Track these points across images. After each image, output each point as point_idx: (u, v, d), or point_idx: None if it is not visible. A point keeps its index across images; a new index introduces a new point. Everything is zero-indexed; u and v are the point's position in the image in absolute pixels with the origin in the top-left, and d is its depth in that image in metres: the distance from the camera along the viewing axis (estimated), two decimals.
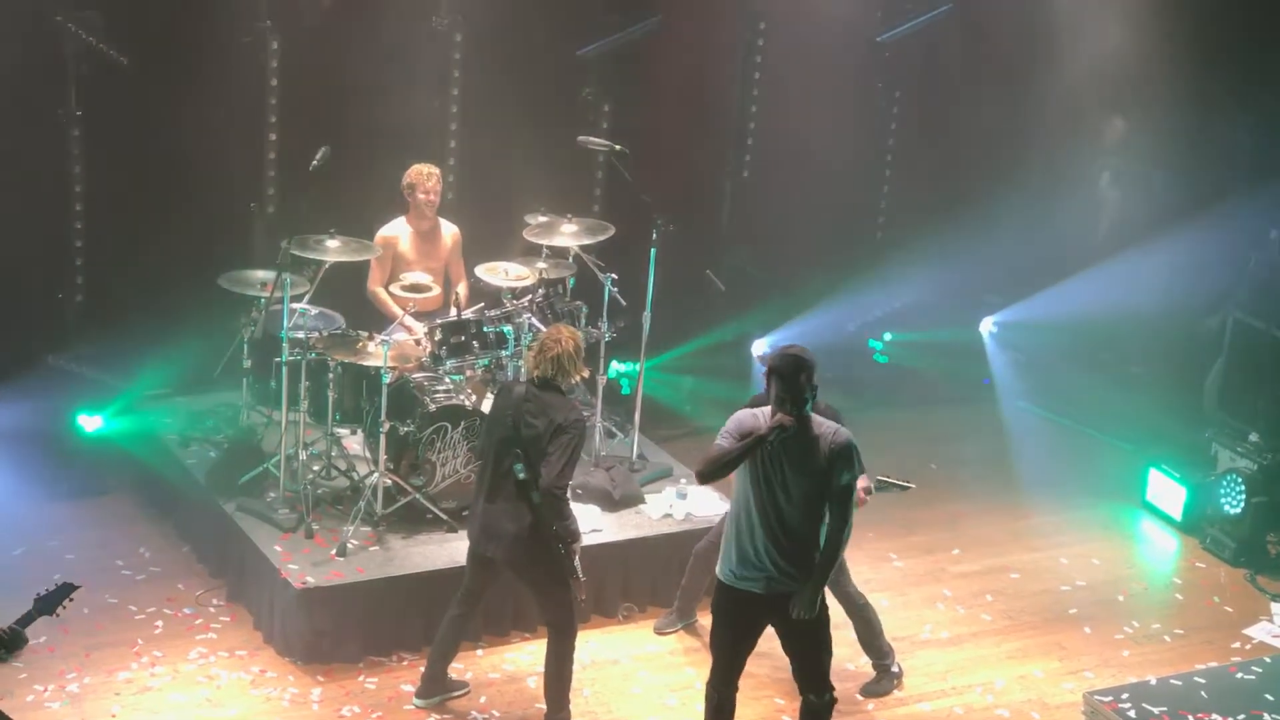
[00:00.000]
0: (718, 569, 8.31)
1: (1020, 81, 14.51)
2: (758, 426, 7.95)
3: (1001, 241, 14.29)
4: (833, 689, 8.51)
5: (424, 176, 11.22)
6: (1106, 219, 14.89)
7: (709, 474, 8.14)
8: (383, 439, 10.24)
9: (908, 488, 9.45)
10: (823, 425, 8.04)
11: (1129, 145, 14.82)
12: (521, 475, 8.77)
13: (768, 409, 7.99)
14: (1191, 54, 13.77)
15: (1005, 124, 14.58)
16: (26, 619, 7.44)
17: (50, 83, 11.83)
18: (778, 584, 8.10)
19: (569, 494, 9.04)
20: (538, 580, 9.07)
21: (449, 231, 11.48)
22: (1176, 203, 14.08)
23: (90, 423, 11.76)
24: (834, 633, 10.16)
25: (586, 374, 9.23)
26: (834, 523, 8.08)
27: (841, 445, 8.01)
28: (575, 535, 8.93)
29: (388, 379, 10.19)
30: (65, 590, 7.59)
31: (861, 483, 9.26)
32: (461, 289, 11.33)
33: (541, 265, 11.15)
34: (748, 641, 8.41)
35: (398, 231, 11.34)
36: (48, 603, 7.53)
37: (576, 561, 8.95)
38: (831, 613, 8.46)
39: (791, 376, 7.87)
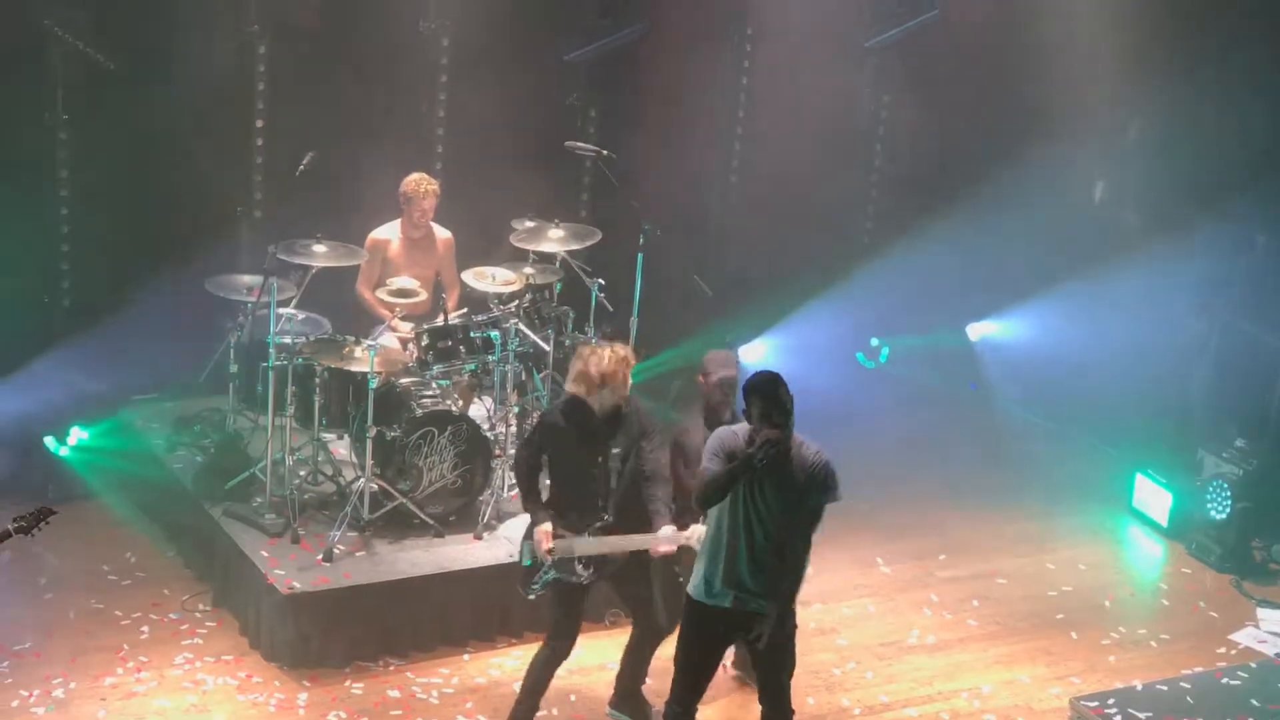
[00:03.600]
0: (690, 585, 8.27)
1: (1007, 87, 14.52)
2: (739, 444, 7.92)
3: (989, 246, 14.30)
4: (793, 711, 8.42)
5: (420, 194, 11.19)
6: (1096, 224, 14.87)
7: (708, 499, 7.97)
8: (369, 444, 10.23)
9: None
10: (801, 444, 7.97)
11: (1117, 150, 14.83)
12: None
13: (744, 426, 7.95)
14: (1179, 57, 13.78)
15: (992, 129, 14.59)
16: (4, 535, 7.67)
17: (37, 87, 11.82)
18: (748, 601, 8.07)
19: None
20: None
21: (441, 238, 11.46)
22: (1163, 208, 14.10)
23: (75, 436, 11.78)
24: (818, 639, 10.25)
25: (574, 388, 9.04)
26: (800, 543, 8.03)
27: (820, 465, 7.94)
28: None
29: (374, 384, 10.18)
30: (42, 514, 7.79)
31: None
32: (451, 296, 11.32)
33: (529, 270, 11.14)
34: (715, 659, 8.36)
35: (389, 235, 11.33)
36: (25, 523, 7.73)
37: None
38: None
39: (772, 392, 7.82)
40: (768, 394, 7.82)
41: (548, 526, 8.79)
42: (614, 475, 8.87)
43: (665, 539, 8.71)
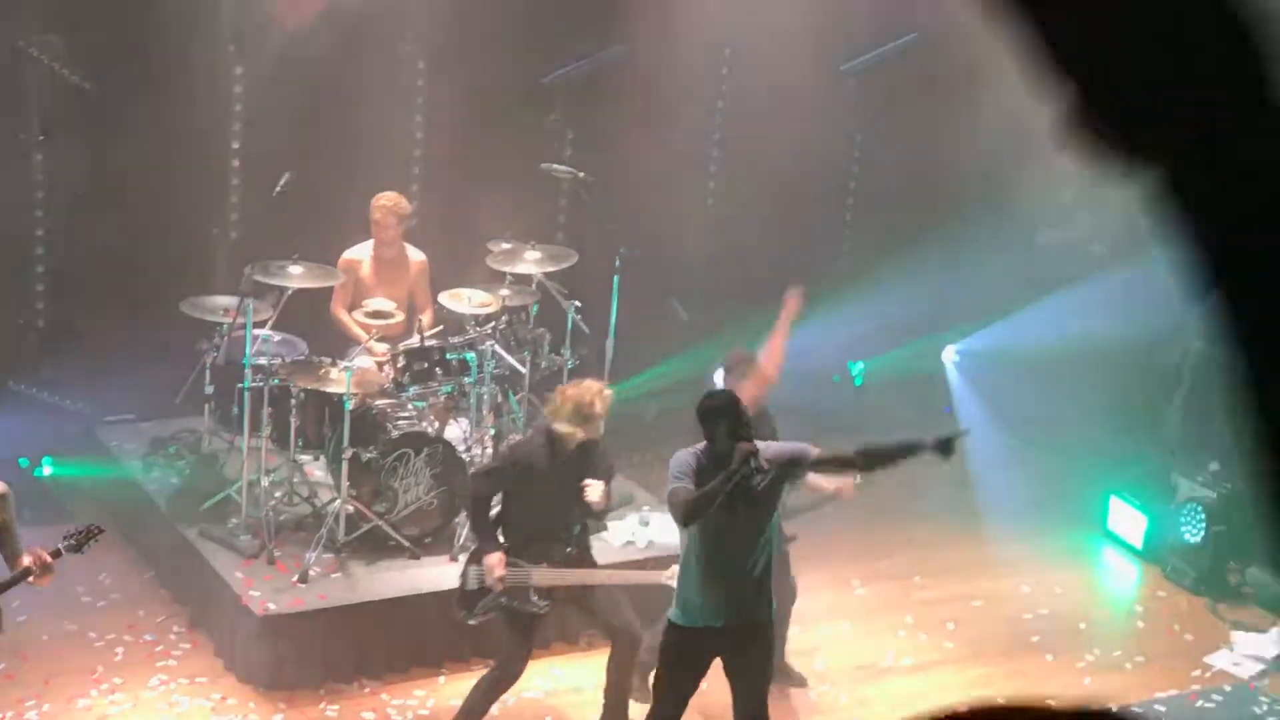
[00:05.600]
0: (671, 612, 8.26)
1: (984, 109, 14.56)
2: (703, 464, 7.93)
3: (964, 270, 14.33)
4: None
5: (379, 211, 11.19)
6: (1065, 249, 14.92)
7: (696, 514, 7.90)
8: (345, 465, 10.22)
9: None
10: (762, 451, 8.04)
11: (1088, 174, 14.87)
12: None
13: (701, 447, 7.98)
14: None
15: (969, 152, 14.63)
16: (55, 553, 7.93)
17: (11, 108, 11.81)
18: (733, 616, 8.07)
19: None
20: None
21: (415, 260, 11.46)
22: (1136, 229, 14.15)
23: (46, 468, 11.78)
24: (794, 661, 10.25)
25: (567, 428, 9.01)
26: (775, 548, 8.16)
27: (778, 453, 8.06)
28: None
29: (350, 405, 10.18)
30: (91, 532, 8.11)
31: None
32: (426, 316, 11.31)
33: (505, 292, 11.14)
34: (698, 681, 8.35)
35: (361, 255, 11.33)
36: (75, 541, 8.06)
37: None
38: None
39: (735, 410, 7.92)
40: (730, 412, 7.91)
41: (499, 555, 8.82)
42: (577, 508, 8.89)
43: (641, 575, 8.81)
